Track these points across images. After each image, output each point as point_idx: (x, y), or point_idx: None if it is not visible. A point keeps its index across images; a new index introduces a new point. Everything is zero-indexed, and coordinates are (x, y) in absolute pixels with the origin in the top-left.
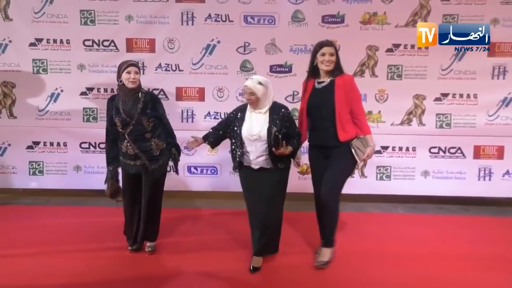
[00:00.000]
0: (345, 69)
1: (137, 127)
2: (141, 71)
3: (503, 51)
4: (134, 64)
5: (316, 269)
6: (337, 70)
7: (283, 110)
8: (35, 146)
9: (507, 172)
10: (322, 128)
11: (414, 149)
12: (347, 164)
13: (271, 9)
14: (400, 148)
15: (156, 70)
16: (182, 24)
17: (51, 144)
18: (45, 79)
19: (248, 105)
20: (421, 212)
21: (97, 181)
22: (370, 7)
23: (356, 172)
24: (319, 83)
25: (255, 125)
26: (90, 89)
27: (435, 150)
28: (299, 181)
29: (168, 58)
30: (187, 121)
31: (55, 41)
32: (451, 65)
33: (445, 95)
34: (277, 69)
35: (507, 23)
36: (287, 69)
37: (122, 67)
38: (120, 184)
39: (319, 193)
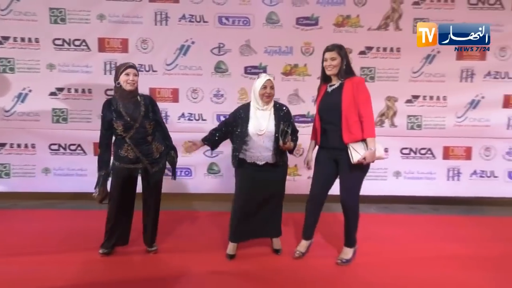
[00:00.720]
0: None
1: (140, 131)
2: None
3: (470, 54)
4: (133, 66)
5: (338, 265)
6: (347, 73)
7: (284, 109)
8: (1, 148)
9: (475, 172)
10: (330, 130)
11: (386, 150)
12: (356, 167)
13: (246, 10)
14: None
15: None
16: (155, 24)
17: (18, 145)
18: (12, 79)
19: (255, 104)
20: (393, 212)
21: (67, 183)
22: (344, 10)
23: None
24: (330, 86)
25: (262, 122)
26: (60, 89)
27: (407, 151)
28: None
29: (141, 59)
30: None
31: (23, 39)
32: (421, 68)
33: (416, 97)
34: (251, 71)
35: None
36: (261, 71)
37: (121, 69)
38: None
39: (315, 192)
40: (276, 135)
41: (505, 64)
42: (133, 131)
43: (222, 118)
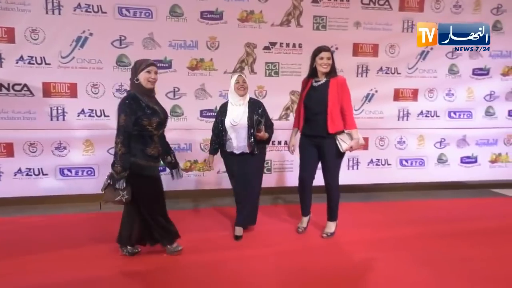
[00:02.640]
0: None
1: (164, 128)
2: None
3: (365, 51)
4: (154, 64)
5: (324, 238)
6: (332, 72)
7: (259, 105)
8: None
9: (371, 161)
10: (315, 120)
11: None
12: (337, 154)
13: (148, 2)
14: (279, 142)
15: (17, 62)
16: (47, 13)
17: None
18: None
19: (231, 99)
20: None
21: None
22: (247, 5)
23: None
24: (316, 81)
25: (237, 115)
26: None
27: None
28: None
29: (31, 50)
30: (57, 120)
31: None
32: None
33: None
34: (157, 65)
35: (367, 26)
36: (166, 65)
37: (142, 66)
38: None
39: (304, 175)
40: (249, 125)
41: (394, 60)
42: (162, 130)
43: None
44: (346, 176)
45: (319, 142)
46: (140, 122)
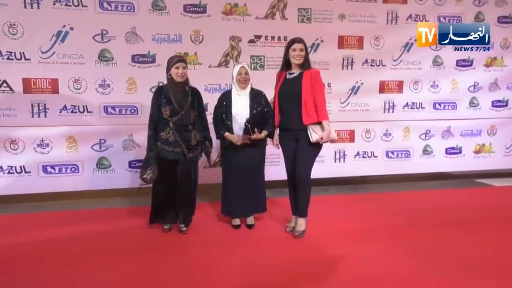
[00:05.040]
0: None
1: (184, 118)
2: None
3: (350, 44)
4: (183, 60)
5: (296, 238)
6: (306, 63)
7: (262, 95)
8: None
9: (358, 153)
10: (290, 113)
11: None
12: (312, 145)
13: None
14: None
15: None
16: (25, 7)
17: None
18: None
19: (234, 89)
20: (286, 195)
21: None
22: None
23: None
24: (290, 74)
25: (240, 105)
26: None
27: None
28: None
29: (10, 45)
30: (39, 116)
31: None
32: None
33: None
34: (139, 59)
35: (352, 18)
36: (150, 59)
37: (172, 62)
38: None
39: (291, 171)
40: (247, 124)
41: (379, 52)
42: (178, 117)
43: (111, 110)
44: (333, 169)
45: (297, 134)
46: (159, 110)
